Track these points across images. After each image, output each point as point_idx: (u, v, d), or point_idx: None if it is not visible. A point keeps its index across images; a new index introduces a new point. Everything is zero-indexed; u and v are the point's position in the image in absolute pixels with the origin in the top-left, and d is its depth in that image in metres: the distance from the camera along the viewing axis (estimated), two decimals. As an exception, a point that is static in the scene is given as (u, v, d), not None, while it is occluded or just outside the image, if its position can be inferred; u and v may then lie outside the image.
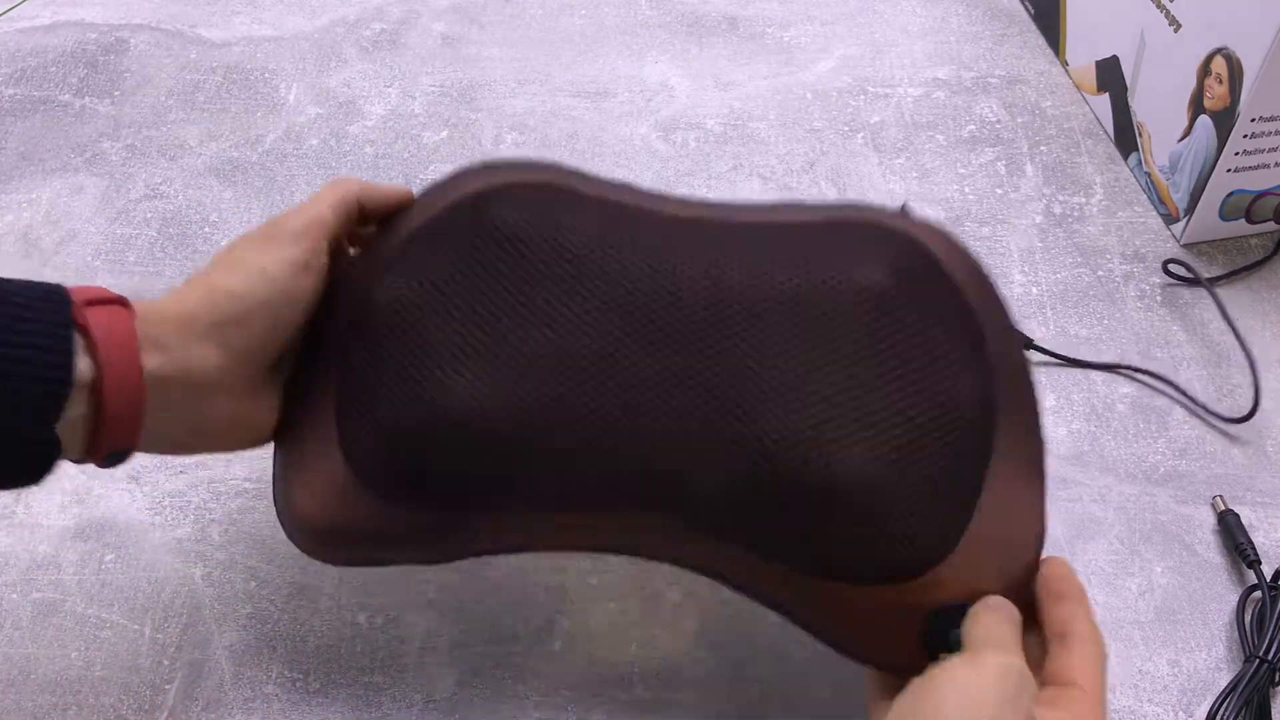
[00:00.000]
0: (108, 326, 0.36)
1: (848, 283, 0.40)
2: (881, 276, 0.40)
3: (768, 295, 0.40)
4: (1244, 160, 0.60)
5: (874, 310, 0.39)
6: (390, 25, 0.82)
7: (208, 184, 0.70)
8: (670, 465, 0.39)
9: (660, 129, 0.73)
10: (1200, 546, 0.52)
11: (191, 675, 0.48)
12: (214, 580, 0.52)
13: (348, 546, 0.43)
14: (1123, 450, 0.56)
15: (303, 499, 0.42)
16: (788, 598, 0.40)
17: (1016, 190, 0.69)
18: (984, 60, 0.78)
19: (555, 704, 0.47)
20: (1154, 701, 0.47)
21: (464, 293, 0.41)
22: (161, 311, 0.39)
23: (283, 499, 0.43)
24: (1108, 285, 0.63)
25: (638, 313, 0.40)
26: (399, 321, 0.41)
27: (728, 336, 0.39)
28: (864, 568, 0.38)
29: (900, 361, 0.39)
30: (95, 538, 0.53)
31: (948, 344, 0.40)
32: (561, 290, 0.40)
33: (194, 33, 0.82)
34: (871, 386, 0.38)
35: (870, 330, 0.39)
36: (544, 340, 0.40)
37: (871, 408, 0.38)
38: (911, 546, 0.38)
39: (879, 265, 0.40)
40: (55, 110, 0.76)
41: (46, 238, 0.67)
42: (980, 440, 0.40)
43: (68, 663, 0.49)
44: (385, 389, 0.41)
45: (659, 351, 0.39)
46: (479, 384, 0.39)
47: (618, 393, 0.39)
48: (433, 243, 0.42)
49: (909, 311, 0.39)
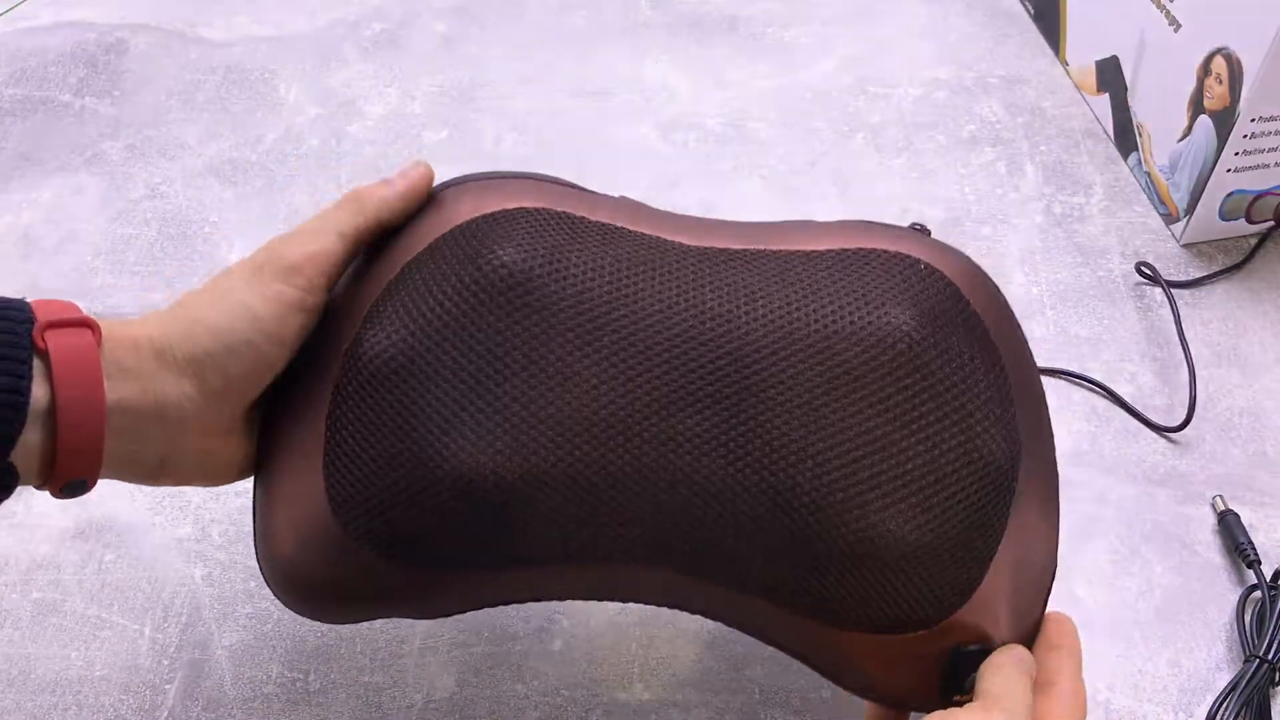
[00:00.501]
0: (69, 352, 0.33)
1: (876, 329, 0.38)
2: (909, 320, 0.38)
3: (793, 345, 0.38)
4: (1244, 160, 0.60)
5: (904, 359, 0.38)
6: (390, 25, 0.82)
7: (208, 184, 0.70)
8: (692, 528, 0.37)
9: (660, 129, 0.73)
10: (1200, 546, 0.52)
11: (191, 675, 0.48)
12: (214, 580, 0.52)
13: (338, 603, 0.40)
14: (1123, 450, 0.56)
15: (288, 552, 0.39)
16: (801, 642, 0.40)
17: (1016, 190, 0.69)
18: (984, 60, 0.78)
19: (555, 704, 0.47)
20: (1154, 701, 0.47)
21: (464, 349, 0.37)
22: (136, 337, 0.36)
23: (266, 550, 0.41)
24: (1108, 285, 0.63)
25: (656, 369, 0.37)
26: (391, 382, 0.38)
27: (753, 392, 0.37)
28: (885, 620, 0.38)
29: (932, 419, 0.38)
30: (95, 538, 0.53)
31: (977, 395, 0.39)
32: (571, 345, 0.37)
33: (194, 33, 0.82)
34: (903, 445, 0.37)
35: (899, 382, 0.38)
36: (554, 400, 0.37)
37: (904, 468, 0.37)
38: (935, 599, 0.38)
39: (906, 308, 0.39)
40: (55, 110, 0.76)
41: (46, 238, 0.67)
42: (1006, 493, 0.39)
43: (68, 663, 0.49)
44: (379, 452, 0.38)
45: (681, 410, 0.37)
46: (485, 447, 0.36)
47: (637, 455, 0.37)
48: (426, 285, 0.39)
49: (938, 360, 0.38)
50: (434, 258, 0.39)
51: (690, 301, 0.38)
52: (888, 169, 0.70)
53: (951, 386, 0.38)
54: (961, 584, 0.38)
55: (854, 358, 0.38)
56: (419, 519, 0.37)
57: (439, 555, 0.38)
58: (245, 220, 0.68)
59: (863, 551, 0.37)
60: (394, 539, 0.38)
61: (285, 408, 0.41)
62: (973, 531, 0.38)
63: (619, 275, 0.39)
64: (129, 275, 0.65)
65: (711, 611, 0.41)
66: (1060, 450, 0.55)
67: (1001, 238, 0.66)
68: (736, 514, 0.37)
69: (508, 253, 0.38)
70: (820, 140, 0.72)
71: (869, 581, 0.37)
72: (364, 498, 0.38)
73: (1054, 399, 0.58)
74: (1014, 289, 0.63)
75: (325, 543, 0.39)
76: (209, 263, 0.65)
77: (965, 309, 0.40)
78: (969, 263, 0.42)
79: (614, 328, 0.38)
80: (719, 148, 0.72)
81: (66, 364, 0.33)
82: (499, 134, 0.73)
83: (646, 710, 0.47)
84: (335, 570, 0.39)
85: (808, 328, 0.38)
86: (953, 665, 0.38)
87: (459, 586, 0.40)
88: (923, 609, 0.38)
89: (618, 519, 0.37)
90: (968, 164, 0.70)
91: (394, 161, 0.71)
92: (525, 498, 0.37)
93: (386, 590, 0.39)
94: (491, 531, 0.37)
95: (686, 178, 0.70)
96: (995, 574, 0.38)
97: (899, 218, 0.67)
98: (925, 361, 0.38)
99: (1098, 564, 0.51)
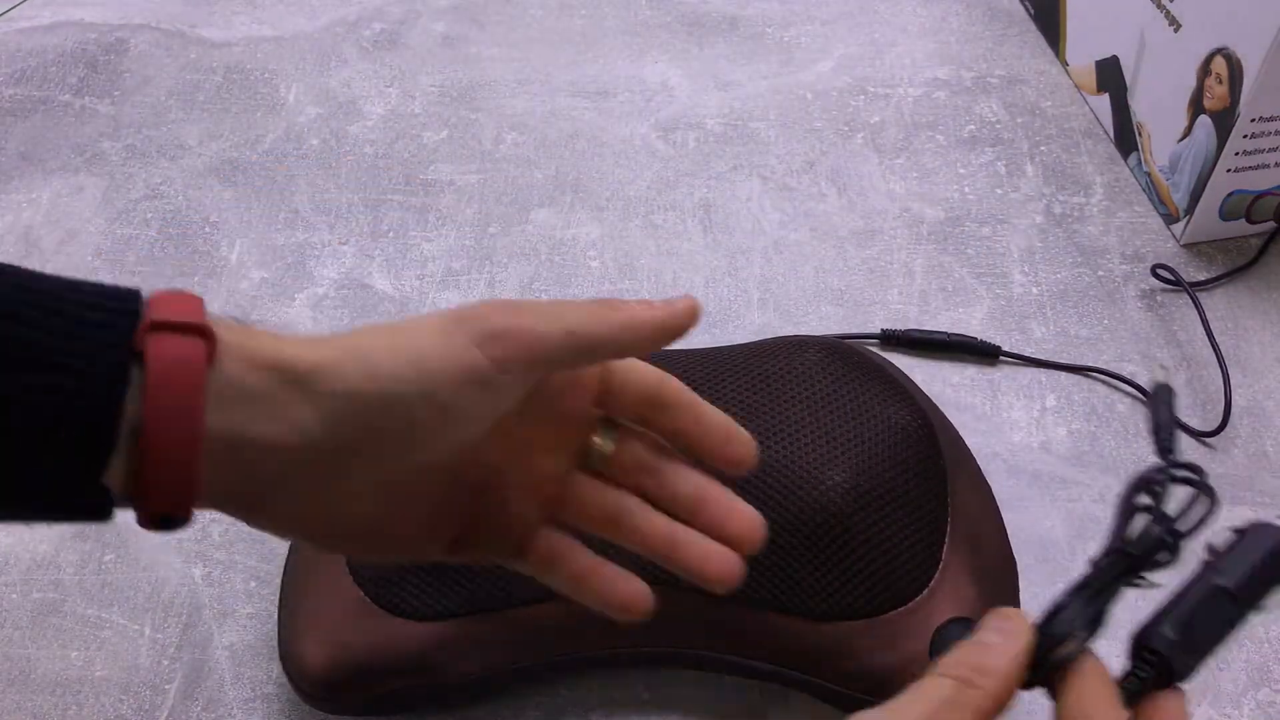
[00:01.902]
0: (170, 365, 0.27)
1: (795, 349, 0.49)
2: (817, 351, 0.49)
3: (721, 363, 0.48)
4: (1244, 160, 0.60)
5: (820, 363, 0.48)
6: (390, 25, 0.82)
7: (208, 184, 0.70)
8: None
9: (660, 129, 0.73)
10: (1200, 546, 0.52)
11: (191, 675, 0.48)
12: (214, 580, 0.52)
13: (369, 676, 0.44)
14: (1123, 450, 0.56)
15: (318, 635, 0.43)
16: (789, 647, 0.44)
17: (1016, 190, 0.69)
18: (984, 60, 0.78)
19: (555, 704, 0.47)
20: (1154, 701, 0.47)
21: None
22: (272, 355, 0.29)
23: (293, 642, 0.44)
24: (1108, 285, 0.63)
25: None
26: None
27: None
28: (862, 602, 0.43)
29: (850, 402, 0.47)
30: (95, 538, 0.53)
31: (875, 385, 0.48)
32: None
33: (194, 33, 0.82)
34: (833, 422, 0.45)
35: (813, 383, 0.47)
36: None
37: (836, 439, 0.45)
38: (905, 573, 0.43)
39: (814, 347, 0.50)
40: (55, 110, 0.76)
41: (46, 238, 0.67)
42: (931, 456, 0.46)
43: (68, 663, 0.49)
44: None
45: None
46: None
47: None
48: None
49: (845, 369, 0.48)
50: None
51: None
52: (887, 169, 0.70)
53: (852, 381, 0.48)
54: (924, 554, 0.43)
55: (773, 369, 0.48)
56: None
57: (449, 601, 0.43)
58: (245, 220, 0.68)
59: (815, 506, 0.43)
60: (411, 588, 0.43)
61: None
62: (911, 486, 0.44)
63: None
64: (129, 275, 0.65)
65: (701, 640, 0.45)
66: (1060, 450, 0.55)
67: (1001, 238, 0.66)
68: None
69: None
70: (820, 140, 0.72)
71: (834, 554, 0.43)
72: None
73: (1054, 398, 0.58)
74: (1014, 289, 0.63)
75: (350, 610, 0.43)
76: (209, 262, 0.65)
77: (864, 355, 0.51)
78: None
79: None
80: (719, 148, 0.72)
81: (162, 380, 0.27)
82: (499, 134, 0.73)
83: (647, 710, 0.47)
84: (365, 637, 0.43)
85: (733, 354, 0.49)
86: (937, 641, 0.42)
87: (469, 635, 0.44)
88: (893, 581, 0.43)
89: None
90: (968, 164, 0.70)
91: (394, 161, 0.71)
92: None
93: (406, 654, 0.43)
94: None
95: (686, 178, 0.70)
96: (953, 547, 0.44)
97: (899, 217, 0.67)
98: (838, 363, 0.49)
99: (1098, 564, 0.51)
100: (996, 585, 0.45)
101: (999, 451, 0.56)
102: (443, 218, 0.68)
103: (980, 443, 0.56)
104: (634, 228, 0.67)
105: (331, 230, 0.67)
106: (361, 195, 0.69)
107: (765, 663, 0.44)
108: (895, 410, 0.47)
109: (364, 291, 0.64)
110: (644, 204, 0.68)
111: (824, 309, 0.62)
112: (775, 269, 0.65)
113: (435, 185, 0.70)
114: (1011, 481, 0.54)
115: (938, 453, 0.47)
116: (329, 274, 0.65)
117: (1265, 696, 0.47)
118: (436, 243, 0.66)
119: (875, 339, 0.60)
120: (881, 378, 0.49)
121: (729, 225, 0.67)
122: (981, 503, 0.47)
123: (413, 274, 0.64)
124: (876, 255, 0.65)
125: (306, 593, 0.45)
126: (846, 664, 0.43)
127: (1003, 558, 0.46)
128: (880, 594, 0.43)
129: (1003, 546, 0.46)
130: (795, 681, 0.44)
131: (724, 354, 0.49)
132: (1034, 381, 0.59)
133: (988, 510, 0.47)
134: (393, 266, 0.65)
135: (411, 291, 0.64)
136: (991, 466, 0.55)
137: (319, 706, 0.44)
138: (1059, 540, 0.52)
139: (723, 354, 0.50)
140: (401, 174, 0.70)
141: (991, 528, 0.47)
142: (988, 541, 0.46)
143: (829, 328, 0.61)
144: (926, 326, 0.61)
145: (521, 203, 0.69)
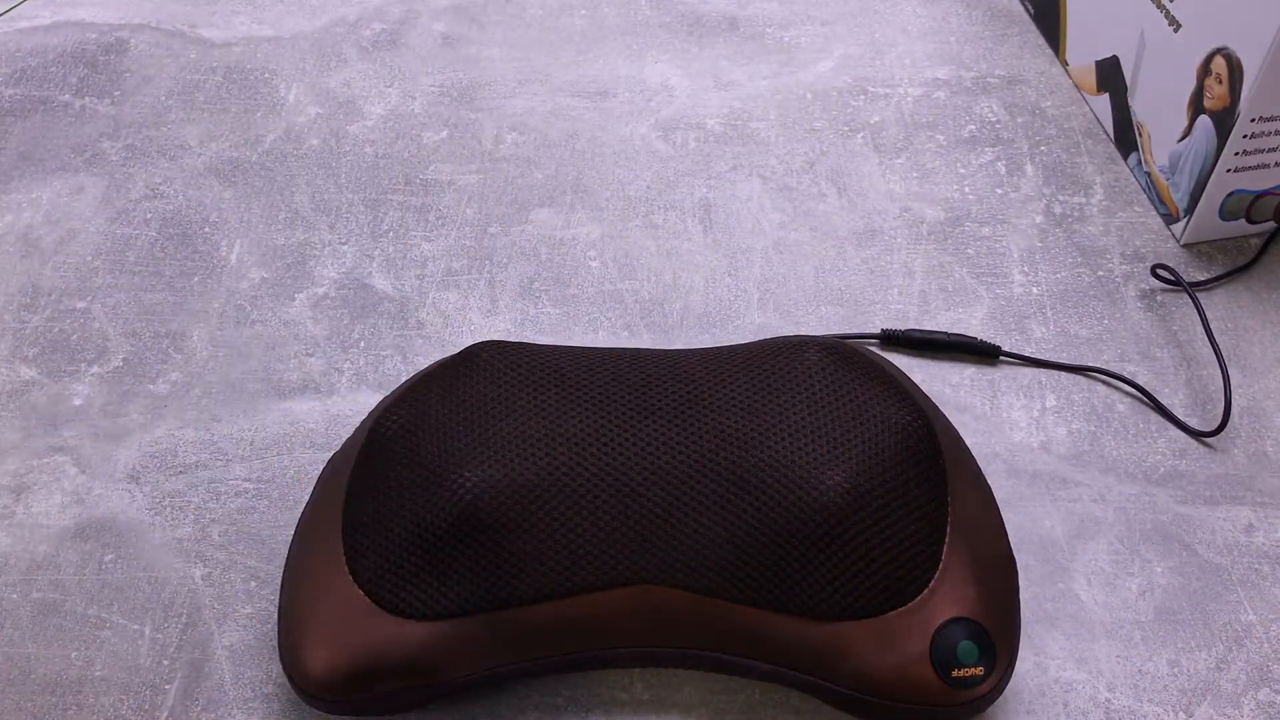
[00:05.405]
0: None
1: (795, 350, 0.49)
2: (817, 351, 0.49)
3: (721, 365, 0.48)
4: (1244, 160, 0.60)
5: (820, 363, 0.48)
6: (390, 25, 0.82)
7: (208, 184, 0.70)
8: (671, 520, 0.44)
9: (660, 129, 0.73)
10: (1200, 546, 0.52)
11: (191, 675, 0.48)
12: (214, 580, 0.52)
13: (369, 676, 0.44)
14: (1123, 450, 0.56)
15: (318, 636, 0.44)
16: (789, 646, 0.44)
17: (1016, 190, 0.69)
18: (984, 60, 0.78)
19: (555, 704, 0.47)
20: (1154, 701, 0.47)
21: (456, 409, 0.46)
22: None
23: (293, 643, 0.44)
24: (1108, 285, 0.63)
25: (616, 398, 0.46)
26: (398, 443, 0.46)
27: (698, 403, 0.46)
28: (862, 600, 0.43)
29: (850, 402, 0.47)
30: (95, 538, 0.53)
31: (876, 387, 0.48)
32: (544, 389, 0.47)
33: (194, 33, 0.82)
34: (833, 422, 0.46)
35: (811, 385, 0.47)
36: (534, 428, 0.45)
37: (831, 437, 0.45)
38: (904, 570, 0.43)
39: (814, 347, 0.49)
40: (55, 110, 0.76)
41: (46, 238, 0.67)
42: (930, 456, 0.46)
43: (68, 663, 0.49)
44: (391, 498, 0.45)
45: (641, 423, 0.45)
46: (480, 474, 0.44)
47: (610, 459, 0.44)
48: (424, 384, 0.49)
49: (845, 369, 0.48)
50: (433, 370, 0.50)
51: (640, 365, 0.49)
52: (887, 169, 0.70)
53: (852, 381, 0.48)
54: (924, 554, 0.44)
55: (773, 370, 0.48)
56: (433, 552, 0.43)
57: (456, 596, 0.43)
58: (245, 220, 0.68)
59: (815, 505, 0.43)
60: (412, 585, 0.43)
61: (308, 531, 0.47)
62: (910, 486, 0.45)
63: (576, 350, 0.49)
64: (129, 275, 0.65)
65: (701, 640, 0.45)
66: (1060, 450, 0.56)
67: (1001, 238, 0.66)
68: (703, 495, 0.44)
69: (488, 352, 0.49)
70: (820, 140, 0.72)
71: (834, 553, 0.43)
72: (379, 549, 0.44)
73: (1054, 398, 0.58)
74: (1014, 289, 0.63)
75: (351, 612, 0.43)
76: (209, 262, 0.65)
77: (865, 356, 0.51)
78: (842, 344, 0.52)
79: (573, 379, 0.47)
80: (719, 148, 0.72)
81: None
82: (499, 134, 0.73)
83: (646, 710, 0.47)
84: (366, 638, 0.43)
85: (734, 354, 0.49)
86: (940, 640, 0.42)
87: (468, 636, 0.44)
88: (893, 581, 0.43)
89: (598, 516, 0.44)
90: (968, 164, 0.70)
91: (394, 161, 0.71)
92: (518, 515, 0.43)
93: (415, 651, 0.43)
94: (497, 551, 0.43)
95: (686, 178, 0.70)
96: (953, 547, 0.44)
97: (899, 217, 0.67)
98: (837, 368, 0.48)
99: (1098, 564, 0.51)
100: (996, 585, 0.45)
101: (999, 451, 0.56)
102: (443, 218, 0.68)
103: (980, 443, 0.56)
104: (634, 228, 0.67)
105: (331, 230, 0.67)
106: (361, 195, 0.69)
107: (765, 663, 0.44)
108: (895, 410, 0.47)
109: (364, 291, 0.64)
110: (644, 204, 0.68)
111: (824, 309, 0.62)
112: (775, 269, 0.65)
113: (435, 185, 0.70)
114: (1011, 481, 0.55)
115: (938, 453, 0.47)
116: (329, 274, 0.65)
117: (1265, 696, 0.47)
118: (436, 242, 0.66)
119: (875, 339, 0.60)
120: (881, 378, 0.49)
121: (729, 225, 0.67)
122: (981, 503, 0.47)
123: (413, 274, 0.65)
124: (876, 255, 0.65)
125: (306, 593, 0.45)
126: (846, 664, 0.43)
127: (1003, 558, 0.46)
128: (880, 594, 0.43)
129: (1003, 546, 0.46)
130: (795, 681, 0.44)
131: (724, 354, 0.49)
132: (1034, 381, 0.59)
133: (988, 510, 0.47)
134: (393, 266, 0.65)
135: (411, 291, 0.64)
136: (991, 466, 0.55)
137: (319, 707, 0.44)
138: (1059, 540, 0.52)
139: (723, 354, 0.50)
140: (401, 174, 0.71)
141: (991, 528, 0.47)
142: (988, 541, 0.46)
143: (829, 328, 0.61)
144: (926, 326, 0.61)
145: (521, 203, 0.69)
